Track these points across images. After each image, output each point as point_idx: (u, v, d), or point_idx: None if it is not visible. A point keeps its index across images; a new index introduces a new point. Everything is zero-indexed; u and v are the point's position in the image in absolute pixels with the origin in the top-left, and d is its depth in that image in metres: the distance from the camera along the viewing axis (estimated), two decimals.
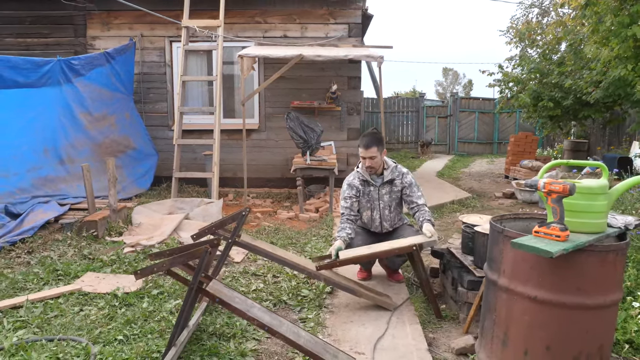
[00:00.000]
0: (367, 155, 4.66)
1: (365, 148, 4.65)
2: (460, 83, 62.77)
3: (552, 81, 11.88)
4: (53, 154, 7.63)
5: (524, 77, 13.05)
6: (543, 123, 13.79)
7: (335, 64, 9.61)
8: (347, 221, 4.73)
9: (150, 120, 9.87)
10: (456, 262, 4.41)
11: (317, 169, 8.16)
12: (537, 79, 12.58)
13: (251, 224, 7.39)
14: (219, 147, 8.09)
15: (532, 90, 12.37)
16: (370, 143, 4.65)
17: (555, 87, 11.97)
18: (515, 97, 13.15)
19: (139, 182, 9.14)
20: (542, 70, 12.30)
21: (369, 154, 4.65)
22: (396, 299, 4.41)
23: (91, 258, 5.26)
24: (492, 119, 21.58)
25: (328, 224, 7.30)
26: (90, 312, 3.88)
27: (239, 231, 4.04)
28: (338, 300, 4.41)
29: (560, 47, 13.20)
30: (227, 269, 5.16)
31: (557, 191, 2.63)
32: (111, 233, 6.18)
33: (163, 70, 9.87)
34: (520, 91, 13.02)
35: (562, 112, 12.46)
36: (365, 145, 4.65)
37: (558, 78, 11.68)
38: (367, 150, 4.65)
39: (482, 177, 14.03)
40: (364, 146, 4.66)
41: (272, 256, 4.10)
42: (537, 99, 12.42)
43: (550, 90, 12.09)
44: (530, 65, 12.52)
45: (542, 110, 12.60)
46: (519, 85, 13.21)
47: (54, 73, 7.58)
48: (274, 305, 4.25)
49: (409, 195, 4.76)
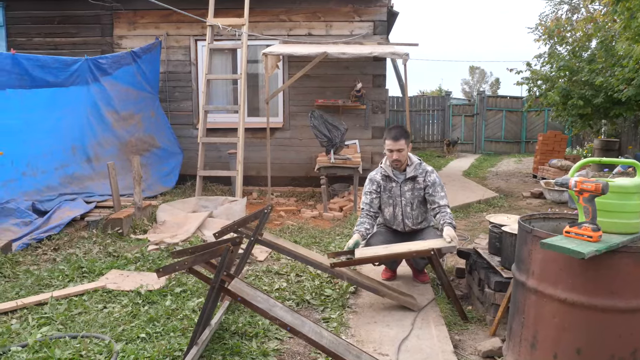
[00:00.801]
0: (395, 147, 4.58)
1: (394, 140, 4.58)
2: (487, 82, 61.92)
3: (582, 79, 11.61)
4: (80, 152, 7.70)
5: (552, 74, 12.79)
6: (573, 122, 13.50)
7: (360, 62, 9.54)
8: (367, 216, 4.68)
9: (175, 119, 9.92)
10: (483, 263, 4.32)
11: (341, 168, 8.11)
12: (567, 76, 12.32)
13: (275, 223, 7.36)
14: (243, 145, 8.08)
15: (562, 88, 12.11)
16: (398, 135, 4.58)
17: (586, 84, 11.70)
18: (544, 96, 12.90)
19: (164, 180, 9.20)
20: (571, 67, 12.03)
21: (397, 146, 4.58)
22: (421, 300, 4.34)
23: (116, 255, 5.29)
24: (520, 118, 21.20)
25: (352, 223, 7.23)
26: (113, 310, 3.89)
27: (262, 229, 4.01)
28: (362, 300, 4.35)
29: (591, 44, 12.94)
30: (250, 267, 5.14)
31: (589, 190, 2.54)
32: (136, 231, 6.21)
33: (188, 69, 9.91)
34: (549, 89, 12.77)
35: (592, 111, 12.18)
36: (394, 137, 4.58)
37: (588, 76, 11.41)
38: (395, 142, 4.58)
39: (509, 177, 13.80)
40: (392, 138, 4.59)
41: (294, 254, 4.06)
42: (566, 97, 12.16)
43: (580, 88, 11.83)
44: (559, 63, 12.26)
45: (572, 109, 12.32)
46: (547, 83, 12.96)
47: (82, 72, 7.65)
48: (296, 304, 4.22)
49: (431, 195, 4.67)
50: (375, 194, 4.77)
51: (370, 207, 4.74)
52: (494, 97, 22.71)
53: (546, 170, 12.26)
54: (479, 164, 16.90)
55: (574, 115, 12.82)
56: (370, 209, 4.73)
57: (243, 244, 4.02)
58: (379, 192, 4.77)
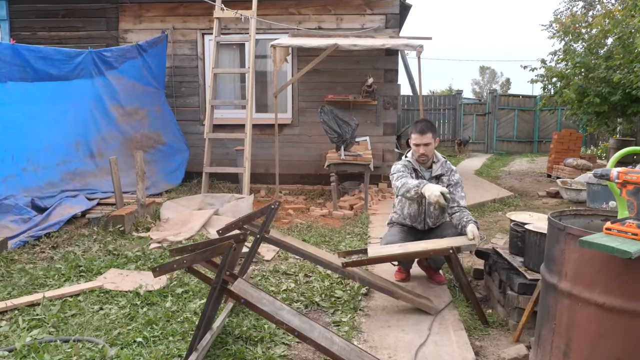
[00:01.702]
0: (422, 141, 4.33)
1: (421, 133, 4.33)
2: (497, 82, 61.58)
3: (599, 75, 11.29)
4: (84, 147, 7.50)
5: (568, 72, 12.49)
6: (588, 120, 13.18)
7: (372, 57, 9.28)
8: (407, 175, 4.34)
9: (181, 114, 9.70)
10: (504, 263, 4.05)
11: (351, 165, 7.84)
12: (583, 73, 12.01)
13: (283, 221, 7.12)
14: (250, 141, 7.84)
15: (578, 85, 11.81)
16: (425, 128, 4.33)
17: (603, 82, 11.39)
18: (559, 93, 12.61)
19: (170, 177, 8.98)
20: (588, 64, 11.72)
21: (424, 140, 4.33)
22: (438, 302, 4.07)
23: (116, 254, 5.05)
24: (533, 117, 20.90)
25: (363, 221, 6.98)
26: (110, 311, 3.65)
27: (268, 226, 3.76)
28: (374, 302, 4.09)
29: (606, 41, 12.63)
30: (256, 267, 4.90)
31: (634, 182, 2.26)
32: (138, 228, 5.98)
33: (195, 63, 9.68)
34: (564, 87, 12.47)
35: (609, 108, 11.87)
36: (421, 131, 4.33)
37: (606, 72, 11.09)
38: (422, 136, 4.32)
39: (522, 176, 13.52)
40: (419, 131, 4.33)
41: (303, 253, 3.81)
42: (582, 94, 11.86)
43: (596, 85, 11.51)
44: (575, 59, 11.95)
45: (588, 106, 12.02)
46: (562, 80, 12.68)
47: (86, 65, 7.44)
48: (305, 307, 3.96)
49: (452, 194, 4.39)
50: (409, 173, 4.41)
51: None
52: (506, 95, 22.41)
53: (561, 169, 12.03)
54: (490, 163, 16.66)
55: (590, 113, 12.51)
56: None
57: (248, 241, 3.79)
58: None
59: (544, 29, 15.03)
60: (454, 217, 4.36)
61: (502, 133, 21.11)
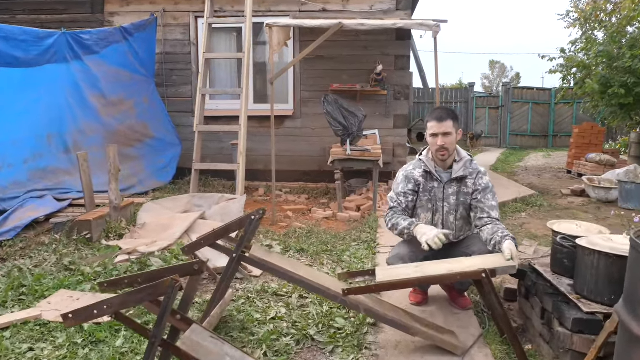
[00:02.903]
0: (440, 130, 3.48)
1: (439, 121, 3.48)
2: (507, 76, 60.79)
3: (623, 65, 10.45)
4: (57, 140, 6.68)
5: (589, 62, 11.67)
6: (612, 112, 12.33)
7: (381, 42, 8.40)
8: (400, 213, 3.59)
9: (173, 105, 8.86)
10: (546, 287, 3.22)
11: (358, 161, 6.98)
12: (606, 63, 11.17)
13: (280, 225, 6.29)
14: (245, 134, 7.00)
15: (601, 75, 10.97)
16: (444, 115, 3.49)
17: (628, 72, 10.55)
18: (580, 85, 11.83)
19: (159, 174, 8.16)
20: (611, 53, 10.88)
21: (442, 128, 3.48)
22: (464, 337, 3.23)
23: (72, 269, 4.20)
24: (547, 110, 20.07)
25: (371, 225, 6.14)
26: (41, 354, 2.81)
27: (249, 242, 2.92)
28: (384, 336, 3.25)
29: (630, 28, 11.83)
30: (242, 286, 4.07)
31: None
32: (109, 235, 5.14)
33: (188, 49, 8.83)
34: (584, 78, 11.66)
35: (634, 100, 11.03)
36: (439, 117, 3.49)
37: (631, 62, 10.25)
38: (440, 123, 3.48)
39: (540, 172, 12.71)
40: (437, 118, 3.49)
41: (291, 277, 2.96)
42: (605, 85, 11.02)
43: (621, 75, 10.68)
44: (598, 48, 11.12)
45: (612, 98, 11.17)
46: (583, 71, 11.88)
47: (60, 48, 6.62)
48: (296, 343, 3.12)
49: (479, 202, 3.54)
50: (411, 196, 3.65)
51: (406, 210, 3.64)
52: (520, 88, 21.52)
53: (582, 165, 11.33)
54: (505, 158, 15.94)
55: (613, 105, 11.67)
56: (405, 211, 3.64)
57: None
58: (417, 192, 3.66)
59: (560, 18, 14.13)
60: (483, 230, 3.46)
61: (516, 127, 20.31)
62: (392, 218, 3.58)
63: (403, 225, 3.47)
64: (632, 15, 11.31)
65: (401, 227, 3.47)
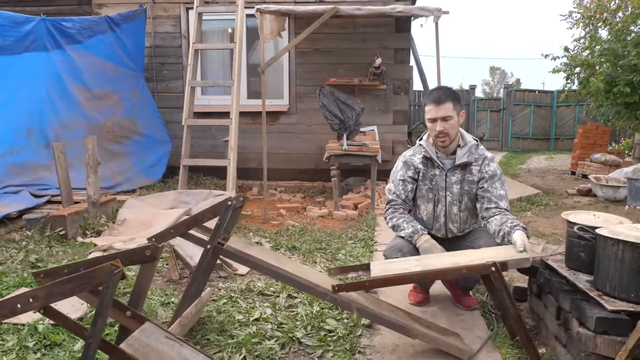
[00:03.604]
0: (438, 114, 3.11)
1: (436, 103, 3.11)
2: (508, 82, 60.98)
3: (629, 63, 10.17)
4: (38, 134, 6.34)
5: (593, 60, 11.40)
6: (617, 111, 12.03)
7: (380, 34, 8.06)
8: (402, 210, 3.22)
9: (163, 101, 8.50)
10: (562, 283, 2.86)
11: (356, 156, 6.62)
12: (611, 61, 10.88)
13: (272, 223, 5.93)
14: (236, 128, 6.65)
15: (606, 74, 10.68)
16: (443, 97, 3.12)
17: (633, 70, 10.26)
18: (584, 84, 11.58)
19: (148, 172, 7.79)
20: (616, 51, 10.60)
21: (441, 111, 3.11)
22: (471, 340, 2.87)
23: (40, 267, 3.83)
24: (549, 113, 19.83)
25: (369, 223, 5.77)
26: None
27: (227, 232, 2.56)
28: (380, 339, 2.88)
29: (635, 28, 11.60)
30: (225, 284, 3.70)
31: None
32: (86, 232, 4.77)
33: (178, 42, 8.48)
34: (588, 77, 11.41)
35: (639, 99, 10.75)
36: (436, 100, 3.12)
37: (637, 60, 9.96)
38: (438, 106, 3.11)
39: (544, 174, 12.44)
40: (434, 101, 3.12)
41: (275, 273, 2.59)
42: (610, 84, 10.73)
43: (626, 74, 10.39)
44: (603, 46, 10.85)
45: (617, 97, 10.87)
46: (587, 70, 11.62)
47: (39, 35, 6.28)
48: (281, 346, 2.75)
49: (486, 191, 3.17)
50: (411, 184, 3.29)
51: (406, 201, 3.28)
52: (522, 91, 21.24)
53: (587, 165, 11.02)
54: (507, 161, 15.75)
55: (619, 104, 11.38)
56: (405, 203, 3.28)
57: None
58: (417, 180, 3.30)
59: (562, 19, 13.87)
60: (490, 222, 3.08)
61: (518, 130, 20.03)
62: (392, 217, 3.24)
63: (406, 232, 3.13)
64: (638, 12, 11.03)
65: (403, 233, 3.14)
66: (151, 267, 1.76)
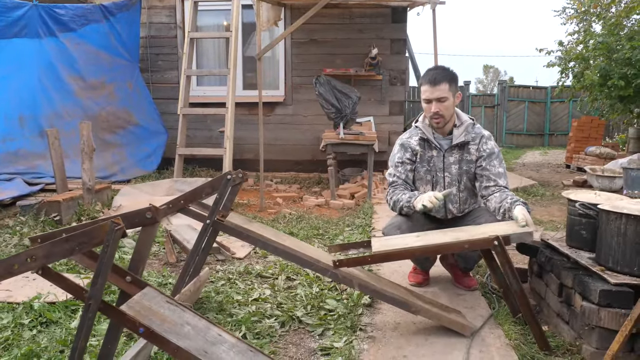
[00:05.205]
0: (433, 95, 3.06)
1: (432, 84, 3.06)
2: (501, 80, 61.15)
3: (623, 56, 10.18)
4: (31, 123, 6.27)
5: (587, 54, 11.43)
6: (612, 105, 12.06)
7: (376, 24, 8.04)
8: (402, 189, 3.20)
9: (158, 92, 8.45)
10: (564, 261, 2.84)
11: (352, 145, 6.59)
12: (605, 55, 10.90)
13: (268, 212, 5.90)
14: (232, 117, 6.59)
15: (601, 67, 10.69)
16: (438, 77, 3.07)
17: (627, 63, 10.27)
18: (578, 78, 11.60)
19: (143, 163, 7.76)
20: (610, 44, 10.62)
21: (436, 92, 3.05)
22: (472, 318, 2.84)
23: None
24: (543, 109, 19.85)
25: (366, 211, 5.75)
26: None
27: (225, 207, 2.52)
28: (382, 317, 2.85)
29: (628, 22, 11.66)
30: (223, 267, 3.67)
31: None
32: (82, 218, 4.71)
33: (174, 32, 8.43)
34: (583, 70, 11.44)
35: (634, 92, 10.76)
36: (432, 80, 3.07)
37: (630, 53, 9.98)
38: (433, 87, 3.06)
39: (539, 167, 12.48)
40: (430, 81, 3.07)
41: (275, 248, 2.55)
42: (605, 77, 10.74)
43: (620, 67, 10.41)
44: (597, 39, 10.88)
45: (612, 90, 10.89)
46: (582, 64, 11.66)
47: (31, 21, 6.20)
48: (281, 325, 2.72)
49: (484, 169, 3.14)
50: (410, 165, 3.26)
51: (406, 181, 3.25)
52: (516, 87, 21.25)
53: (582, 159, 11.04)
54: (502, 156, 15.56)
55: (613, 97, 11.39)
56: (406, 183, 3.25)
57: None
58: (415, 162, 3.27)
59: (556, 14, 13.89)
60: (490, 200, 3.06)
61: (512, 126, 20.04)
62: (392, 195, 3.20)
63: (403, 200, 3.08)
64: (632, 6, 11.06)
65: (402, 203, 3.09)
66: (151, 231, 1.72)
